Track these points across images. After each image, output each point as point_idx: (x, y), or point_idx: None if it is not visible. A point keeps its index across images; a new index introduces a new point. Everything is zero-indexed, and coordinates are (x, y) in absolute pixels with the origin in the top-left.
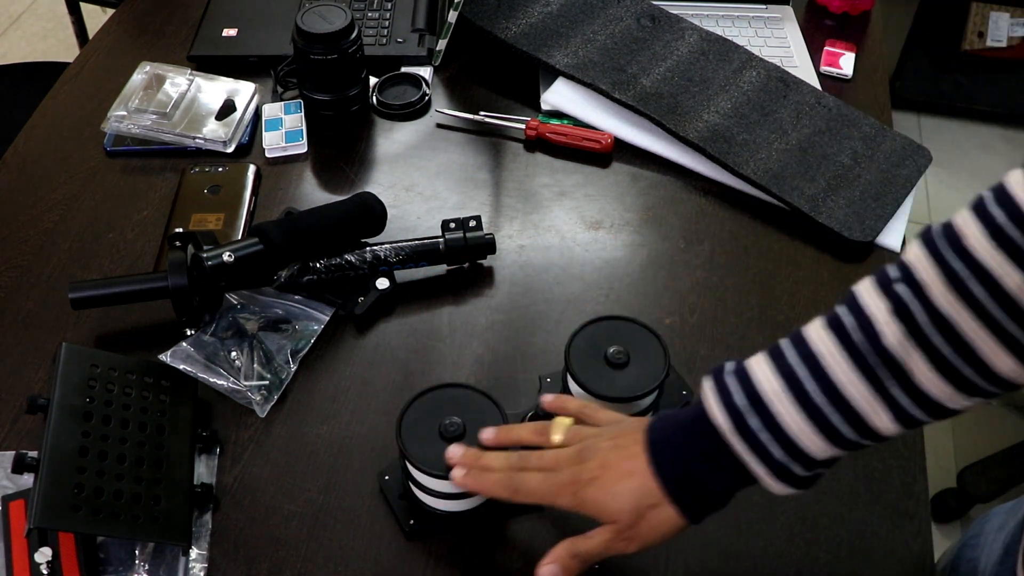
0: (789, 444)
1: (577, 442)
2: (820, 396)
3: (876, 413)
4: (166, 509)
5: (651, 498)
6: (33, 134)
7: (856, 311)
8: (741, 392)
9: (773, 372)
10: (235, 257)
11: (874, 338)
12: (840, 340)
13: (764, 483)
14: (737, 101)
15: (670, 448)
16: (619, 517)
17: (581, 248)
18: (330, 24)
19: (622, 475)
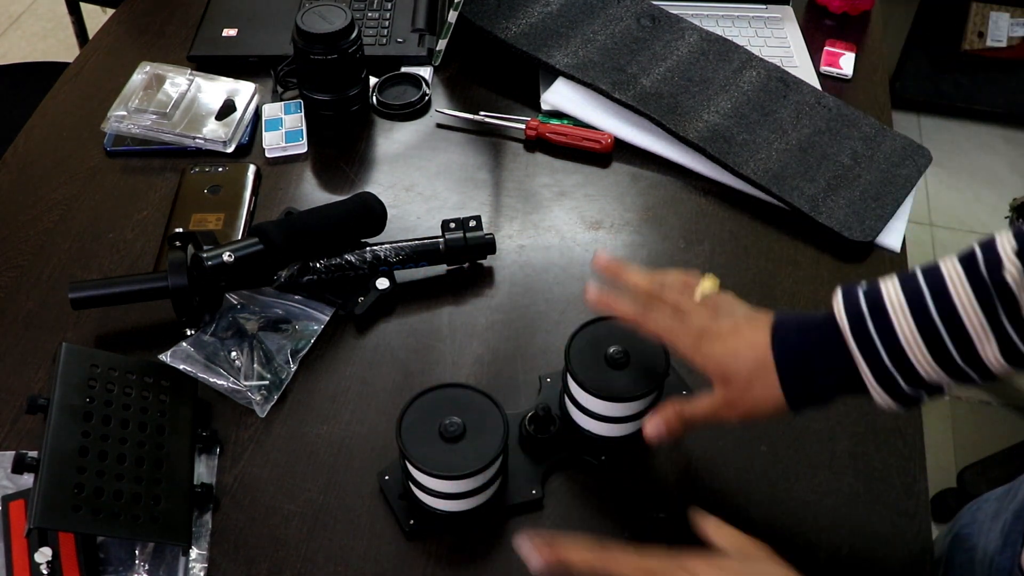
0: (899, 353)
1: (715, 302)
2: (937, 314)
3: (987, 340)
4: (166, 509)
5: (764, 371)
6: (33, 134)
7: (987, 248)
8: (865, 300)
9: (899, 288)
10: (235, 257)
11: (996, 270)
12: (967, 269)
13: (869, 386)
14: (737, 101)
15: (793, 333)
16: (734, 376)
17: (581, 248)
18: (330, 24)
19: (746, 341)
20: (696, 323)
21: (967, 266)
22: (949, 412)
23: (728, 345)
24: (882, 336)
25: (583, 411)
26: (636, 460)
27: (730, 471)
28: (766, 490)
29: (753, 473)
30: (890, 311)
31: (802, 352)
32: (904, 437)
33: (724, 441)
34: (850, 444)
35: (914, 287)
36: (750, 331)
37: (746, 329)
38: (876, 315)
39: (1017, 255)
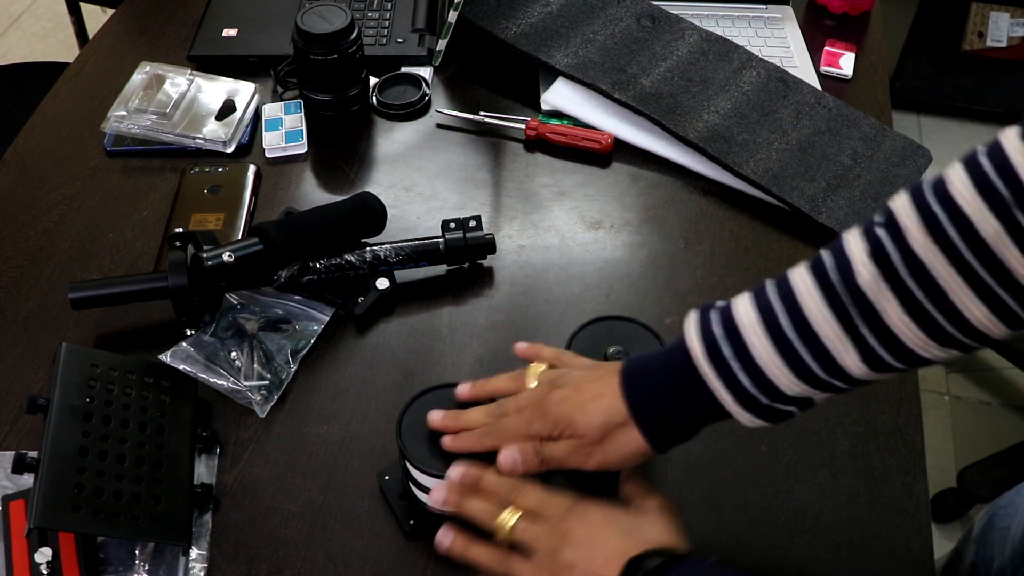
0: (757, 373)
1: (551, 378)
2: (791, 329)
3: (846, 351)
4: (166, 509)
5: (619, 418)
6: (33, 134)
7: (837, 252)
8: (719, 322)
9: (752, 305)
10: (235, 257)
11: (848, 277)
12: (817, 278)
13: (731, 411)
14: (737, 101)
15: (642, 373)
16: (586, 431)
17: (581, 248)
18: (330, 24)
19: (593, 395)
20: (536, 403)
21: (816, 272)
22: (949, 412)
23: (575, 405)
24: (739, 359)
25: None
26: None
27: (730, 471)
28: (766, 490)
29: (753, 473)
30: (743, 332)
31: (657, 392)
32: (904, 437)
33: (724, 441)
34: (850, 444)
35: (765, 302)
36: (595, 384)
37: (589, 385)
38: (731, 337)
39: (871, 257)
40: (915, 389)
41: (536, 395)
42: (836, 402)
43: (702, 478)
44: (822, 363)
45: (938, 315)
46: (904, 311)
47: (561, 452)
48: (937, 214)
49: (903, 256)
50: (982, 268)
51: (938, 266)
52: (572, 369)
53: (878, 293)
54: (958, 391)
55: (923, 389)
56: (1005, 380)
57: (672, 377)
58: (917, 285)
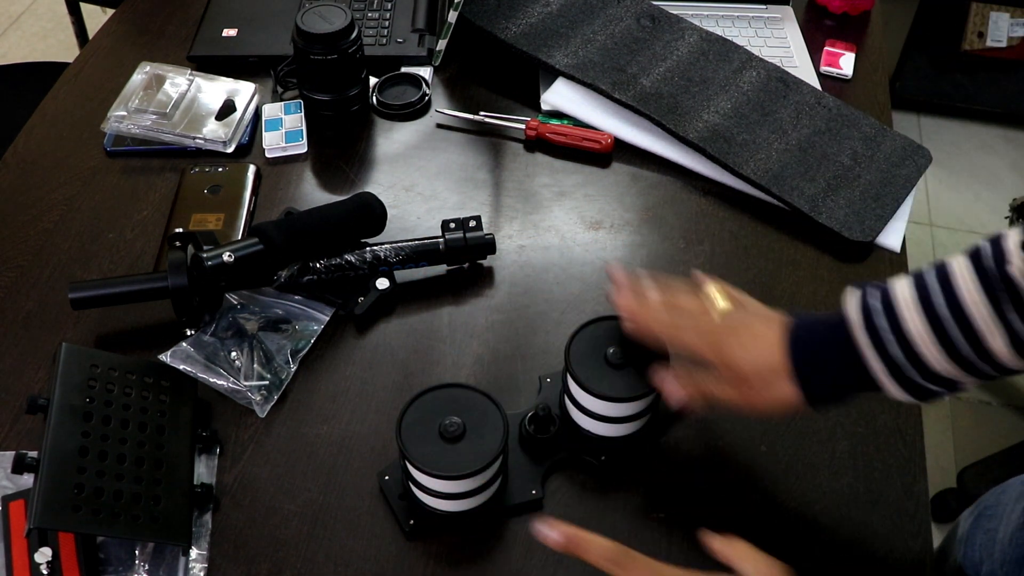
0: (908, 347)
1: (731, 311)
2: (945, 309)
3: (993, 335)
4: (166, 509)
5: (780, 372)
6: (33, 134)
7: (995, 242)
8: (877, 297)
9: (909, 285)
10: (235, 257)
11: (1002, 264)
12: (973, 264)
13: (881, 382)
14: (737, 101)
15: (804, 331)
16: (749, 379)
17: (581, 248)
18: (330, 24)
19: (758, 337)
20: (711, 325)
21: (974, 260)
22: (949, 412)
23: (740, 341)
24: (893, 331)
25: (583, 411)
26: (636, 460)
27: (730, 471)
28: (766, 490)
29: (753, 473)
30: (899, 306)
31: (816, 352)
32: (904, 437)
33: (724, 441)
34: (850, 444)
35: (923, 283)
36: (765, 331)
37: (760, 329)
38: (887, 310)
39: (1023, 248)
40: None
41: (715, 315)
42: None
43: (702, 478)
44: (971, 343)
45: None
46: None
47: (724, 394)
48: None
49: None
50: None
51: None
52: (749, 303)
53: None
54: None
55: None
56: (1005, 380)
57: (830, 341)
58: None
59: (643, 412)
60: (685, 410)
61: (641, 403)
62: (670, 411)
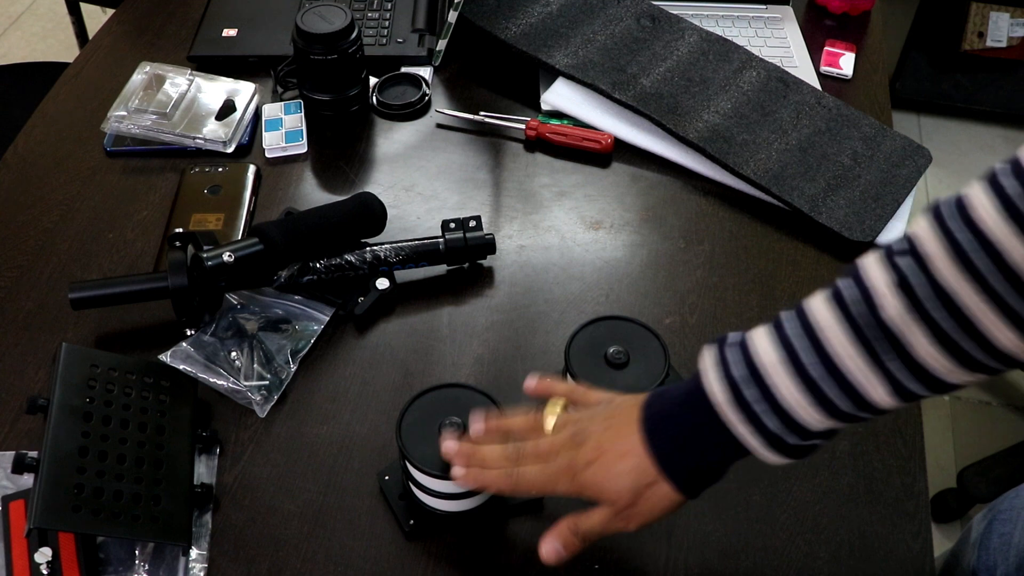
0: (784, 416)
1: (570, 427)
2: (817, 368)
3: (873, 387)
4: (166, 509)
5: (648, 476)
6: (33, 134)
7: (858, 283)
8: (741, 363)
9: (773, 343)
10: (235, 257)
11: (874, 311)
12: (840, 312)
13: (758, 454)
14: (737, 101)
15: (664, 424)
16: (618, 498)
17: (581, 248)
18: (330, 24)
19: (618, 456)
20: (563, 462)
21: (838, 304)
22: (949, 412)
23: (601, 469)
24: (767, 402)
25: None
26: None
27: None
28: (766, 490)
29: (753, 473)
30: (766, 372)
31: (681, 442)
32: (904, 437)
33: None
34: (850, 444)
35: (785, 338)
36: (617, 442)
37: (611, 443)
38: (755, 379)
39: (897, 288)
40: None
41: (559, 447)
42: None
43: None
44: (850, 398)
45: (967, 343)
46: (933, 342)
47: (600, 525)
48: (963, 242)
49: (931, 286)
50: (1012, 295)
51: (966, 296)
52: (592, 417)
53: (904, 326)
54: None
55: None
56: (1005, 380)
57: (694, 424)
58: (946, 316)
59: None
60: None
61: None
62: None
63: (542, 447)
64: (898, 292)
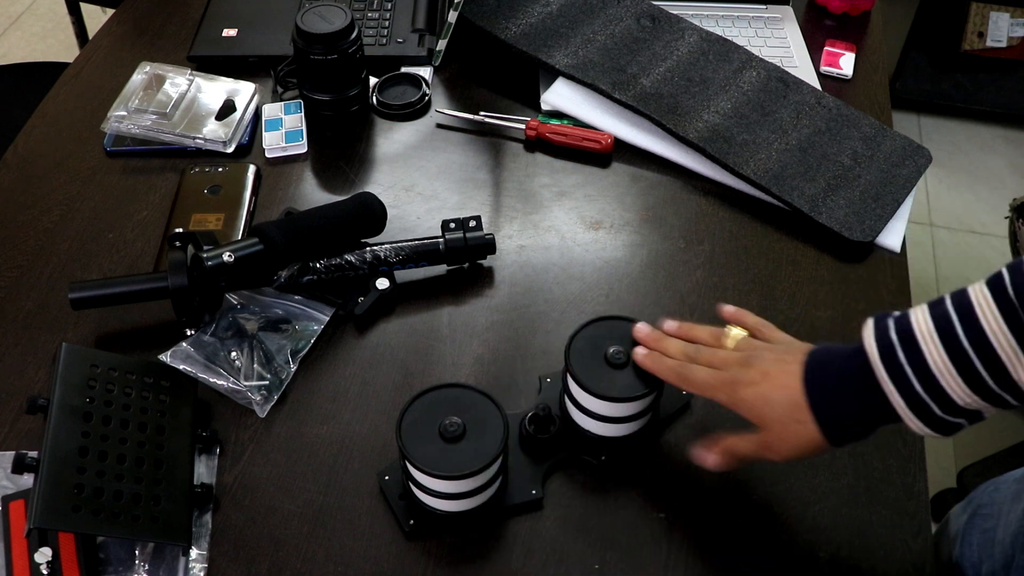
0: (931, 381)
1: (747, 350)
2: (967, 340)
3: (1017, 367)
4: (166, 509)
5: (798, 412)
6: (33, 134)
7: (1016, 270)
8: (895, 330)
9: (928, 316)
10: (235, 257)
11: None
12: (995, 295)
13: (904, 417)
14: (737, 101)
15: (823, 372)
16: (768, 423)
17: (581, 248)
18: (330, 24)
19: (778, 386)
20: (730, 375)
21: (994, 289)
22: None
23: (760, 391)
24: (913, 366)
25: (583, 411)
26: (636, 460)
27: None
28: (766, 490)
29: (753, 473)
30: (920, 340)
31: (834, 389)
32: (904, 437)
33: None
34: (850, 444)
35: (943, 313)
36: (780, 374)
37: (776, 373)
38: (906, 345)
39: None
40: None
41: (731, 362)
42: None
43: (702, 478)
44: (995, 376)
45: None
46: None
47: (750, 448)
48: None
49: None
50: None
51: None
52: (767, 348)
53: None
54: None
55: None
56: None
57: (849, 378)
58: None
59: (643, 412)
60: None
61: (641, 403)
62: (670, 411)
63: (718, 356)
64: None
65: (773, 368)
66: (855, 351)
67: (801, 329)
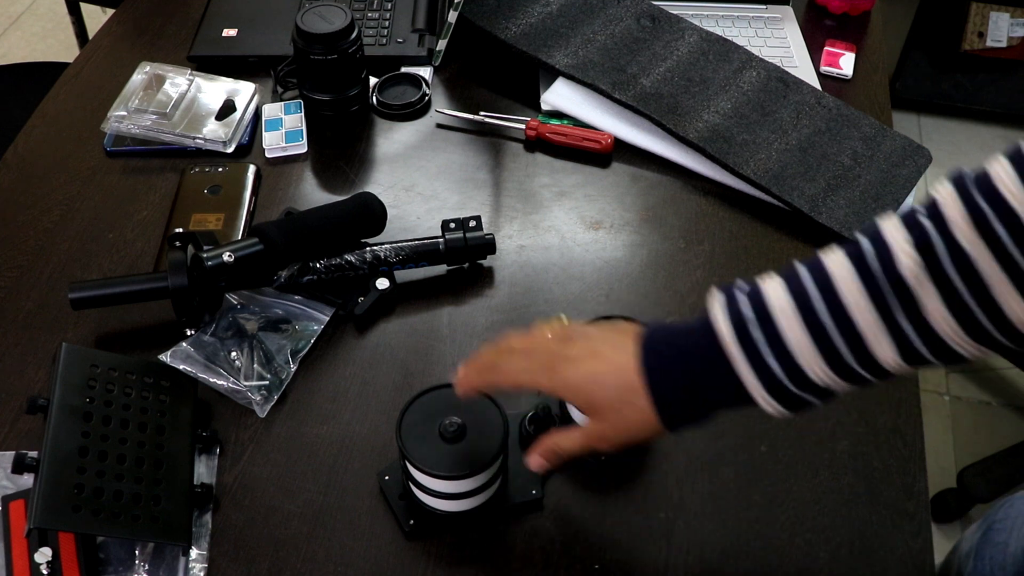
0: (788, 359)
1: (565, 331)
2: (827, 316)
3: (880, 343)
4: (166, 509)
5: (633, 395)
6: (33, 134)
7: (876, 239)
8: (748, 304)
9: (784, 289)
10: (235, 257)
11: (889, 265)
12: (855, 264)
13: (755, 395)
14: (737, 101)
15: (664, 348)
16: (598, 407)
17: (581, 248)
18: (330, 24)
19: (606, 361)
20: (547, 352)
21: (854, 259)
22: (949, 412)
23: (586, 369)
24: (771, 344)
25: None
26: (636, 460)
27: (730, 471)
28: (766, 490)
29: (753, 473)
30: (775, 314)
31: (677, 370)
32: (904, 437)
33: (724, 441)
34: (850, 444)
35: (799, 286)
36: (612, 351)
37: (606, 350)
38: (762, 320)
39: (915, 247)
40: (915, 389)
41: (543, 343)
42: (836, 402)
43: (702, 477)
44: (856, 353)
45: (978, 311)
46: (944, 304)
47: (577, 442)
48: (985, 210)
49: (948, 248)
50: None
51: (983, 261)
52: (591, 327)
53: (919, 284)
54: (958, 391)
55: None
56: (1005, 380)
57: (694, 357)
58: (960, 278)
59: None
60: (546, 471)
61: None
62: None
63: (528, 339)
64: (915, 250)
65: (602, 347)
66: (700, 327)
67: None
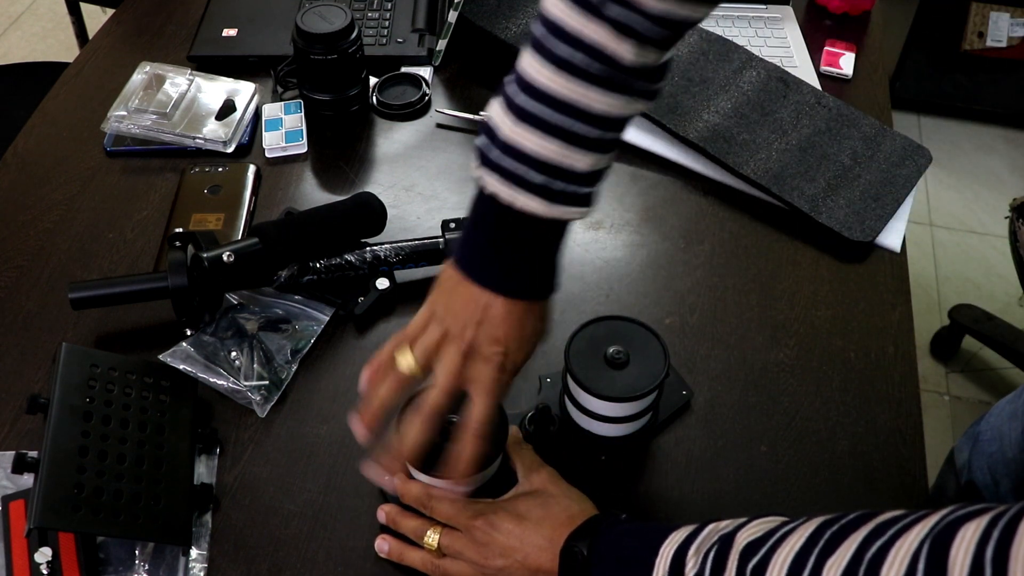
0: (508, 148)
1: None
2: (523, 97)
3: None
4: (166, 509)
5: (477, 299)
6: (33, 134)
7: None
8: (482, 136)
9: (498, 103)
10: (235, 257)
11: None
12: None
13: (519, 205)
14: (737, 101)
15: (461, 244)
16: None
17: (581, 248)
18: (330, 24)
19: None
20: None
21: (539, 49)
22: (949, 412)
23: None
24: (494, 144)
25: (583, 411)
26: (636, 460)
27: (730, 471)
28: (766, 490)
29: (753, 473)
30: (492, 123)
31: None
32: (904, 437)
33: (724, 441)
34: (850, 444)
35: (505, 96)
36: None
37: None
38: (488, 135)
39: None
40: (915, 389)
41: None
42: (836, 402)
43: (702, 477)
44: (559, 110)
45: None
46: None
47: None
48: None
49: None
50: None
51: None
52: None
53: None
54: (958, 391)
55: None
56: (1005, 380)
57: (475, 219)
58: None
59: (643, 412)
60: None
61: (641, 402)
62: (670, 411)
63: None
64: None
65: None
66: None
67: (801, 328)
